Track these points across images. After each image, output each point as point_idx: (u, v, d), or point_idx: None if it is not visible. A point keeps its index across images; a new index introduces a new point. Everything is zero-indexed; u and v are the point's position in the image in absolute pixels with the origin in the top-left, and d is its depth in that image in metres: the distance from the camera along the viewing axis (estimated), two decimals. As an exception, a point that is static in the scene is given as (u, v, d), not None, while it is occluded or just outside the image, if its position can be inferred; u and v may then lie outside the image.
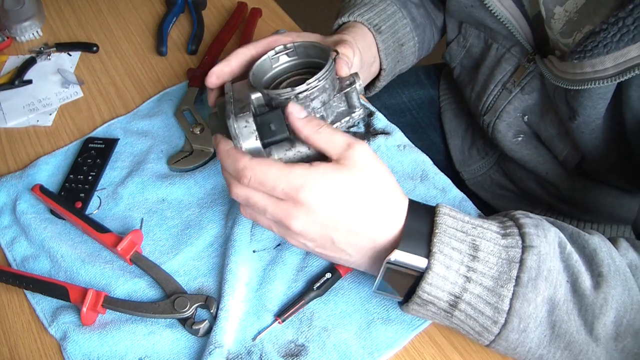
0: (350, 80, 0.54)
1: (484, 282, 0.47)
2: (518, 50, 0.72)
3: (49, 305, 0.62)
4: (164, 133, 0.77)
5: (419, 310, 0.50)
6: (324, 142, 0.49)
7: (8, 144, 0.78)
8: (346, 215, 0.48)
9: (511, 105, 0.74)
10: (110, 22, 0.94)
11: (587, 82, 0.57)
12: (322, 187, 0.47)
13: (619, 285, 0.48)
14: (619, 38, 0.52)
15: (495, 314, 0.47)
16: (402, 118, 0.97)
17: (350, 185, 0.48)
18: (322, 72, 0.51)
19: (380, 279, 0.50)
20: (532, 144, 0.77)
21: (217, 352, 0.56)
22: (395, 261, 0.48)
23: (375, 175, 0.49)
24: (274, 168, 0.47)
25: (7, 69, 0.87)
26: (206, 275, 0.64)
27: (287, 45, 0.57)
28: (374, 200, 0.49)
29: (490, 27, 0.73)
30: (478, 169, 0.91)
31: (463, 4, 0.73)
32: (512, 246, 0.48)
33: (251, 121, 0.49)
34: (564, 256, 0.48)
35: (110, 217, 0.69)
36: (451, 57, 0.83)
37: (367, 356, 0.56)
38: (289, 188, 0.47)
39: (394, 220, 0.49)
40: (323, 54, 0.55)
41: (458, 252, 0.47)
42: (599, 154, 0.67)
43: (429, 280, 0.47)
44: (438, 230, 0.48)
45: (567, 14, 0.59)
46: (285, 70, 0.58)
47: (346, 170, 0.48)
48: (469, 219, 0.49)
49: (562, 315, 0.47)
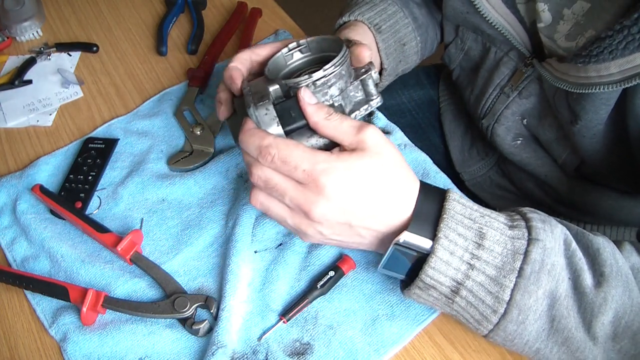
0: (365, 68, 0.54)
1: (487, 271, 0.47)
2: (515, 54, 0.72)
3: (49, 305, 0.62)
4: (164, 133, 0.77)
5: (420, 295, 0.51)
6: (332, 129, 0.49)
7: (8, 144, 0.78)
8: (365, 201, 0.48)
9: (509, 110, 0.74)
10: (110, 22, 0.94)
11: (591, 87, 0.56)
12: (344, 174, 0.47)
13: (619, 286, 0.48)
14: (624, 46, 0.52)
15: (495, 303, 0.48)
16: (402, 119, 0.97)
17: (369, 171, 0.48)
18: (339, 57, 0.51)
19: (387, 258, 0.51)
20: (531, 147, 0.77)
21: (220, 352, 0.56)
22: (403, 242, 0.48)
23: (390, 159, 0.49)
24: (299, 147, 0.48)
25: (7, 69, 0.87)
26: (206, 275, 0.64)
27: (300, 42, 0.57)
28: (390, 184, 0.49)
29: (486, 32, 0.73)
30: (478, 170, 0.91)
31: (458, 10, 0.73)
32: (518, 237, 0.48)
33: (271, 108, 0.50)
34: (569, 253, 0.49)
35: (110, 217, 0.69)
36: (450, 60, 0.83)
37: (373, 353, 0.57)
38: (311, 169, 0.47)
39: (406, 203, 0.50)
40: (336, 46, 0.55)
41: (463, 239, 0.47)
42: (599, 157, 0.67)
43: (432, 264, 0.47)
44: (446, 215, 0.48)
45: (575, 16, 0.59)
46: (300, 67, 0.59)
47: (364, 156, 0.48)
48: (477, 208, 0.50)
49: (561, 311, 0.48)
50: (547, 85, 0.67)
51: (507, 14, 0.67)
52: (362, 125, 0.49)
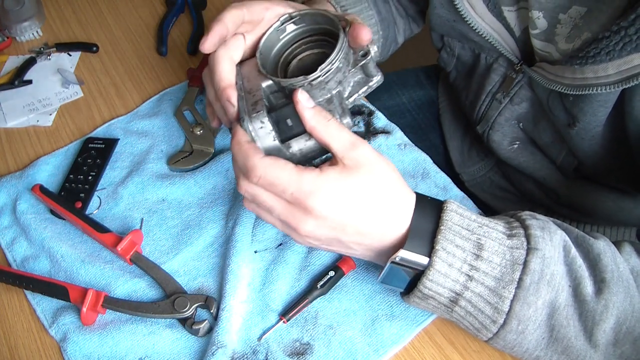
0: (364, 50, 0.51)
1: (486, 282, 0.47)
2: (504, 61, 0.72)
3: (49, 305, 0.62)
4: (164, 133, 0.77)
5: (419, 303, 0.51)
6: (329, 136, 0.48)
7: (8, 144, 0.78)
8: (354, 219, 0.48)
9: (502, 117, 0.74)
10: (110, 22, 0.93)
11: (587, 88, 0.56)
12: (332, 193, 0.47)
13: (620, 292, 0.47)
14: (621, 47, 0.52)
15: (494, 314, 0.47)
16: (402, 119, 0.97)
17: (359, 190, 0.47)
18: (335, 53, 0.48)
19: (385, 275, 0.51)
20: (528, 150, 0.77)
21: (220, 352, 0.56)
22: (400, 260, 0.48)
23: (381, 176, 0.49)
24: (285, 171, 0.47)
25: (7, 69, 0.87)
26: (206, 275, 0.64)
27: (293, 14, 0.54)
28: (382, 202, 0.48)
29: (474, 40, 0.72)
30: (477, 170, 0.91)
31: (445, 18, 0.72)
32: (516, 247, 0.47)
33: (266, 121, 0.47)
34: (568, 260, 0.48)
35: (110, 217, 0.69)
36: (445, 63, 0.83)
37: (373, 353, 0.57)
38: (298, 193, 0.46)
39: (401, 219, 0.49)
40: (332, 22, 0.52)
41: (462, 250, 0.47)
42: (598, 158, 0.66)
43: (430, 276, 0.47)
44: (443, 227, 0.48)
45: (572, 19, 0.59)
46: (293, 38, 0.55)
47: (354, 175, 0.47)
48: (475, 217, 0.49)
49: (561, 320, 0.47)
50: (540, 89, 0.67)
51: (494, 22, 0.67)
52: (357, 142, 0.48)
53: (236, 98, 0.51)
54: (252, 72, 0.52)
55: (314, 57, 0.51)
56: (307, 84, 0.49)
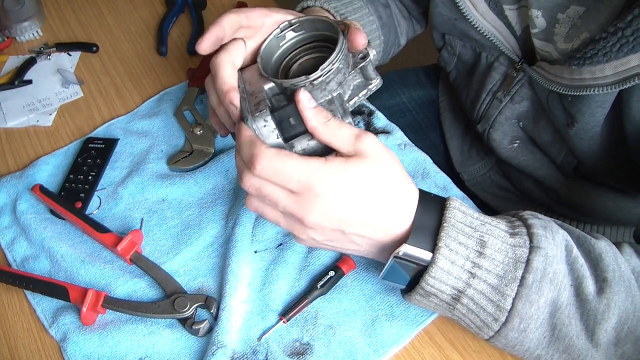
0: (363, 53, 0.52)
1: (488, 279, 0.47)
2: (505, 59, 0.72)
3: (49, 305, 0.62)
4: (164, 133, 0.77)
5: (421, 301, 0.51)
6: (330, 135, 0.48)
7: (8, 144, 0.78)
8: (360, 209, 0.48)
9: (502, 115, 0.74)
10: (110, 22, 0.93)
11: (585, 89, 0.56)
12: (339, 180, 0.46)
13: (622, 291, 0.47)
14: (618, 48, 0.52)
15: (496, 312, 0.47)
16: (402, 119, 0.97)
17: (365, 179, 0.47)
18: (335, 54, 0.49)
19: (387, 269, 0.50)
20: (528, 149, 0.77)
21: (220, 352, 0.56)
22: (403, 254, 0.48)
23: (387, 167, 0.48)
24: (291, 160, 0.47)
25: (7, 69, 0.87)
26: (206, 275, 0.64)
27: (292, 21, 0.54)
28: (387, 194, 0.48)
29: (475, 38, 0.73)
30: (477, 170, 0.91)
31: (446, 17, 0.72)
32: (519, 245, 0.47)
33: (269, 119, 0.48)
34: (570, 259, 0.48)
35: (110, 217, 0.69)
36: (445, 63, 0.83)
37: (373, 353, 0.57)
38: (306, 179, 0.46)
39: (405, 213, 0.49)
40: (331, 27, 0.52)
41: (464, 247, 0.47)
42: (597, 158, 0.67)
43: (433, 273, 0.47)
44: (446, 224, 0.48)
45: (571, 19, 0.59)
46: (293, 45, 0.56)
47: (360, 164, 0.47)
48: (478, 215, 0.49)
49: (563, 319, 0.47)
50: (540, 89, 0.67)
51: (495, 20, 0.67)
52: (361, 133, 0.48)
53: (239, 99, 0.51)
54: (254, 77, 0.52)
55: (314, 61, 0.51)
56: (308, 84, 0.49)
